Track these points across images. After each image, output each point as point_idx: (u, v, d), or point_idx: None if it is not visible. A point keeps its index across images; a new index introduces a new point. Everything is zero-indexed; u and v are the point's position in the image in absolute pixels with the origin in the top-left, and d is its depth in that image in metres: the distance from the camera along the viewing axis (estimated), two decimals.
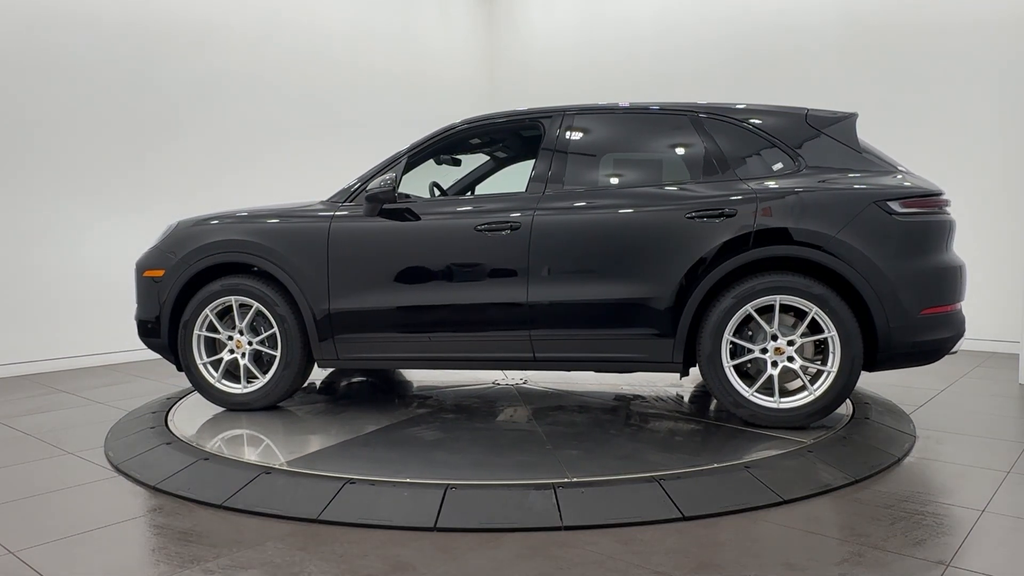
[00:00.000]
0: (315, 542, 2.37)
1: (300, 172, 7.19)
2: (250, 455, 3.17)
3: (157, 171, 6.30)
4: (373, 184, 3.70)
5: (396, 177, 3.68)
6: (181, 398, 4.29)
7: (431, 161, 4.26)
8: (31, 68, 5.56)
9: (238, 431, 3.63)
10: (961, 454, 3.25)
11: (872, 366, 3.35)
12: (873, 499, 2.68)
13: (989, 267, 5.81)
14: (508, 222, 3.56)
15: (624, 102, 3.84)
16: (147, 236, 6.20)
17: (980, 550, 2.27)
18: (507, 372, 4.78)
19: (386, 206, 3.73)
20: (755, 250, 3.32)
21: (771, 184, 3.42)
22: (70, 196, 5.80)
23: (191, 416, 3.86)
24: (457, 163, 4.48)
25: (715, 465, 2.87)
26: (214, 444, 3.32)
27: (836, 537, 2.34)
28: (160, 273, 3.97)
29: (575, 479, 2.72)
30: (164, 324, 3.95)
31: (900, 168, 3.50)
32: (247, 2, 6.92)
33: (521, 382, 4.58)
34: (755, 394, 3.37)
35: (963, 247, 3.54)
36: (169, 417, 3.81)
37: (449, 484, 2.67)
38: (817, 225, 3.27)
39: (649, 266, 3.42)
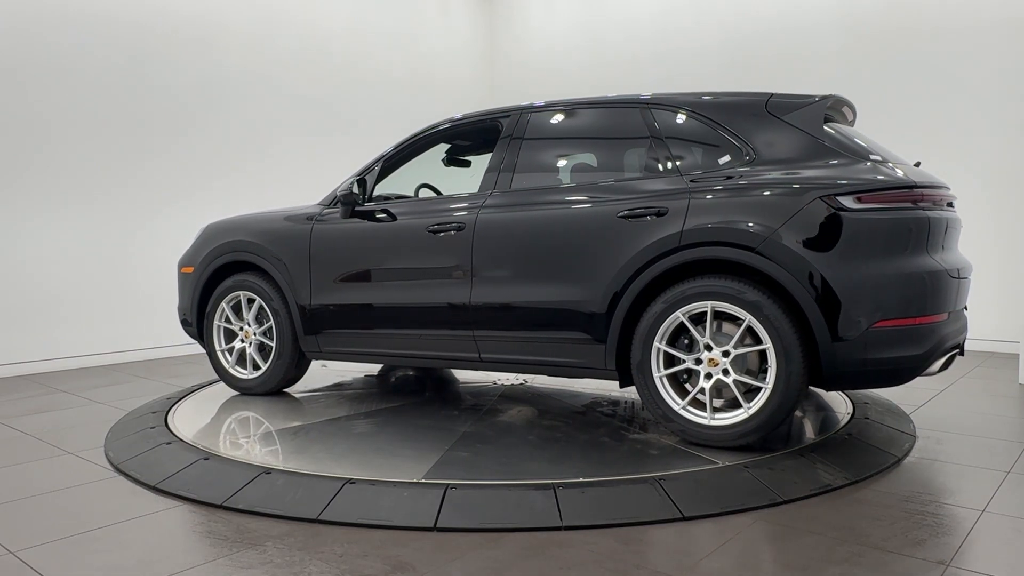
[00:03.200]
0: (315, 542, 2.37)
1: (301, 172, 7.20)
2: (250, 455, 3.17)
3: (157, 171, 6.31)
4: (341, 188, 3.96)
5: (364, 181, 3.91)
6: (181, 398, 4.29)
7: (440, 163, 4.34)
8: (31, 68, 5.56)
9: (239, 431, 3.64)
10: (961, 454, 3.24)
11: (822, 384, 3.00)
12: (873, 499, 2.68)
13: (989, 267, 5.81)
14: (454, 222, 3.61)
15: (578, 97, 3.75)
16: (147, 236, 6.23)
17: (980, 550, 2.27)
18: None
19: (358, 208, 3.94)
20: (684, 252, 3.05)
21: (708, 179, 3.14)
22: (70, 196, 5.80)
23: (191, 416, 3.87)
24: (466, 164, 4.49)
25: (715, 465, 2.87)
26: (214, 444, 3.32)
27: (836, 537, 2.34)
28: (191, 270, 4.47)
29: (580, 479, 2.72)
30: (193, 315, 4.45)
31: (873, 157, 3.04)
32: (248, 2, 6.92)
33: (520, 382, 4.58)
34: (687, 408, 3.08)
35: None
36: (169, 417, 3.81)
37: (449, 484, 2.67)
38: (750, 224, 2.95)
39: (581, 267, 3.28)
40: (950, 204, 3.20)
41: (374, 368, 5.16)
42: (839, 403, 3.93)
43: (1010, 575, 2.11)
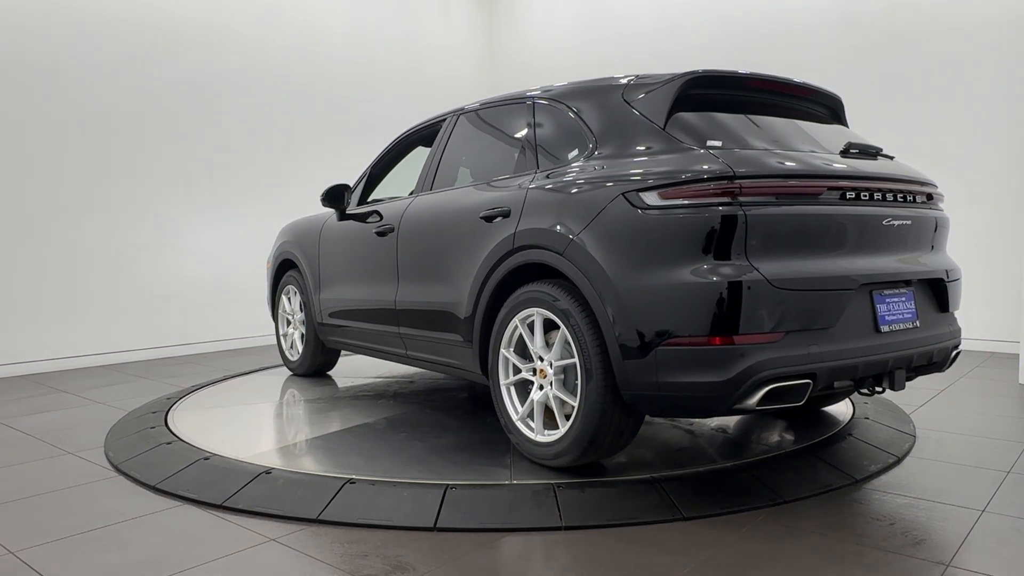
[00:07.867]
0: (315, 542, 2.37)
1: (301, 171, 7.20)
2: (250, 455, 3.17)
3: (157, 171, 6.31)
4: (322, 193, 4.27)
5: (348, 186, 4.25)
6: (181, 398, 4.30)
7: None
8: (31, 69, 5.56)
9: (238, 431, 3.64)
10: (961, 454, 3.24)
11: (632, 407, 2.61)
12: (873, 499, 2.68)
13: (988, 267, 5.81)
14: (388, 225, 3.80)
15: (491, 97, 3.71)
16: (147, 236, 6.22)
17: (980, 550, 2.27)
18: None
19: (348, 212, 4.27)
20: (517, 255, 2.90)
21: (550, 176, 2.92)
22: (68, 196, 5.80)
23: (191, 416, 3.87)
24: None
25: (715, 465, 2.87)
26: (214, 444, 3.32)
27: (836, 537, 2.34)
28: (269, 266, 5.23)
29: (579, 480, 2.72)
30: (271, 304, 5.26)
31: (711, 144, 2.57)
32: (248, 2, 6.92)
33: None
34: (523, 420, 2.91)
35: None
36: (169, 417, 3.82)
37: (449, 484, 2.67)
38: (560, 225, 2.72)
39: (453, 269, 3.27)
40: (907, 196, 2.77)
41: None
42: (839, 403, 3.92)
43: (1010, 575, 2.11)
